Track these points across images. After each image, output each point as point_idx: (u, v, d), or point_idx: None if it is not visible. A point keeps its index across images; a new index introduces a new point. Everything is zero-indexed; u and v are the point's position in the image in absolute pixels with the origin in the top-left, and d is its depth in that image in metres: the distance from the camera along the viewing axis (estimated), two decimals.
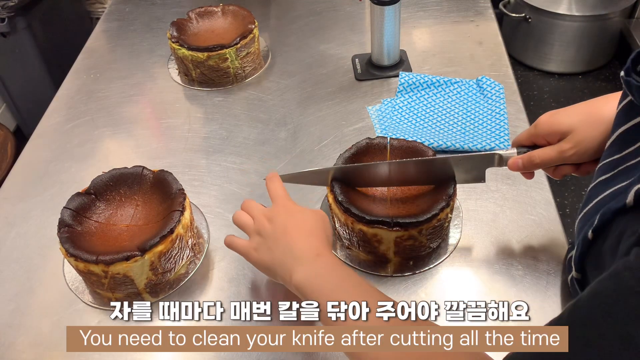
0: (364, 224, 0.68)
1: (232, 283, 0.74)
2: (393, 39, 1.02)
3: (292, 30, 1.22)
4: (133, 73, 1.14)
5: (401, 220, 0.67)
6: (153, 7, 1.35)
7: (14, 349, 0.70)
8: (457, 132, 0.92)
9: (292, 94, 1.05)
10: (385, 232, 0.68)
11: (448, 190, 0.70)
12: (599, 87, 2.46)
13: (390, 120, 0.95)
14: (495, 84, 0.99)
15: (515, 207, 0.79)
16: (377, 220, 0.67)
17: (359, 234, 0.70)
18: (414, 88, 1.01)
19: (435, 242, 0.73)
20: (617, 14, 2.32)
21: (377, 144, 0.78)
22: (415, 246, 0.70)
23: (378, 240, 0.69)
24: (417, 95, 1.00)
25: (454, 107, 0.97)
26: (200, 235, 0.80)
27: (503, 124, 0.92)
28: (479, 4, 1.23)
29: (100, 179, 0.78)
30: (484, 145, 0.88)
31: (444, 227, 0.71)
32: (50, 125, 1.03)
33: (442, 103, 0.98)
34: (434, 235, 0.71)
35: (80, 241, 0.71)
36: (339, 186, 0.72)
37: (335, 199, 0.71)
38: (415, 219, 0.67)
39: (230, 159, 0.93)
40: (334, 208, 0.72)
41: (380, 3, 0.96)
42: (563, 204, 1.99)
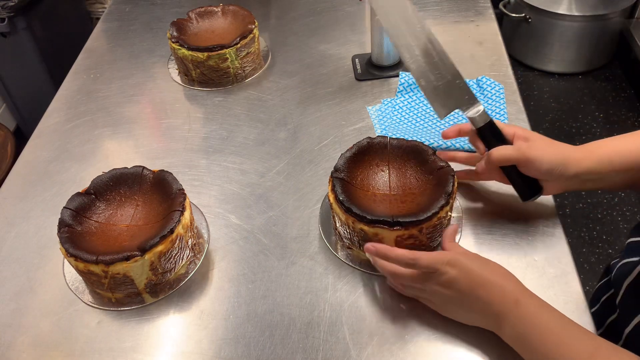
0: (364, 224, 0.69)
1: (232, 283, 0.74)
2: None
3: (292, 30, 1.23)
4: (133, 73, 1.14)
5: (402, 219, 0.67)
6: (153, 7, 1.35)
7: (14, 349, 0.70)
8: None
9: (292, 94, 1.05)
10: (386, 231, 0.68)
11: (447, 188, 0.70)
12: (599, 87, 2.46)
13: (390, 120, 0.95)
14: (495, 83, 0.99)
15: (515, 207, 0.79)
16: (378, 219, 0.68)
17: (360, 234, 0.70)
18: (413, 88, 1.01)
19: (436, 241, 0.73)
20: (617, 14, 2.32)
21: (378, 143, 0.79)
22: (415, 245, 0.70)
23: (379, 240, 0.69)
24: (417, 95, 1.00)
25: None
26: (200, 235, 0.80)
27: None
28: (479, 4, 1.23)
29: (100, 179, 0.78)
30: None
31: (443, 225, 0.72)
32: (50, 125, 1.03)
33: None
34: (434, 233, 0.71)
35: (80, 241, 0.71)
36: (340, 185, 0.72)
37: (336, 198, 0.71)
38: (415, 218, 0.67)
39: (230, 159, 0.93)
40: (335, 207, 0.72)
41: None
42: (563, 204, 1.99)
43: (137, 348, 0.69)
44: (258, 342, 0.67)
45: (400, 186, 0.76)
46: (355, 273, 0.73)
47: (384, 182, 0.77)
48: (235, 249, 0.78)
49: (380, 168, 0.78)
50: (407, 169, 0.77)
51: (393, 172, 0.78)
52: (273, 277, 0.74)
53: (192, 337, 0.69)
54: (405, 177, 0.77)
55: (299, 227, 0.80)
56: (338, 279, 0.73)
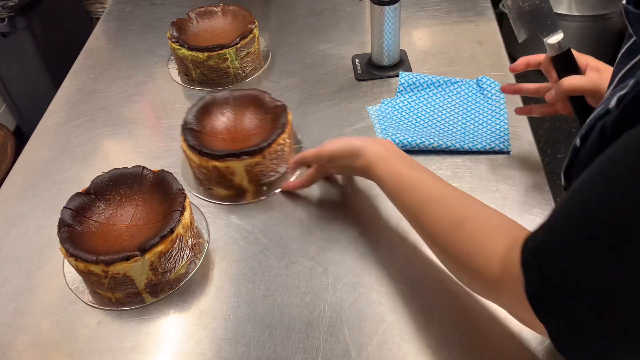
0: (216, 160, 0.80)
1: (232, 283, 0.74)
2: (393, 39, 1.02)
3: (292, 30, 1.23)
4: (133, 73, 1.14)
5: (247, 149, 0.80)
6: (153, 7, 1.35)
7: (14, 349, 0.70)
8: (457, 132, 0.92)
9: (292, 94, 1.05)
10: (236, 162, 0.80)
11: (281, 120, 0.85)
12: None
13: (390, 121, 0.95)
14: (495, 83, 0.99)
15: (515, 207, 0.79)
16: (227, 153, 0.80)
17: (215, 171, 0.81)
18: (413, 88, 1.01)
19: (282, 167, 0.86)
20: (617, 14, 2.32)
21: (222, 96, 0.91)
22: (264, 172, 0.83)
23: (232, 173, 0.81)
24: (417, 95, 1.00)
25: (454, 107, 0.97)
26: (200, 235, 0.80)
27: (503, 124, 0.92)
28: (479, 4, 1.23)
29: (100, 179, 0.78)
30: (484, 145, 0.88)
31: (285, 152, 0.85)
32: (50, 125, 1.03)
33: (442, 103, 0.98)
34: (277, 159, 0.84)
35: (80, 241, 0.71)
36: (191, 134, 0.84)
37: (188, 144, 0.82)
38: (258, 147, 0.80)
39: None
40: (189, 154, 0.83)
41: (380, 3, 0.96)
42: None
43: (137, 348, 0.69)
44: (258, 342, 0.67)
45: (244, 128, 0.89)
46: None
47: (230, 127, 0.89)
48: (235, 249, 0.78)
49: (225, 117, 0.90)
50: (248, 113, 0.90)
51: (237, 118, 0.90)
52: (273, 277, 0.74)
53: (192, 337, 0.69)
54: (247, 120, 0.90)
55: (299, 227, 0.80)
56: (338, 279, 0.73)
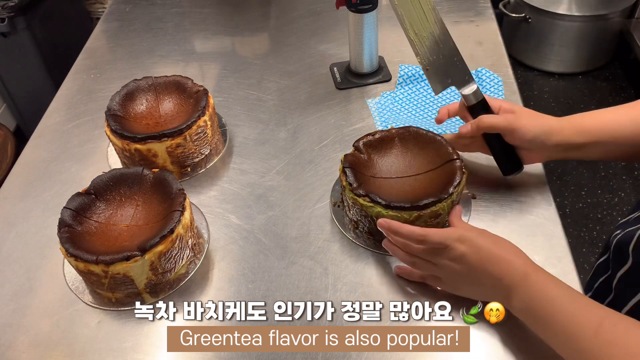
0: (137, 142, 0.82)
1: (232, 283, 0.74)
2: (372, 45, 1.01)
3: (292, 30, 1.23)
4: (133, 73, 1.14)
5: (167, 131, 0.82)
6: (153, 7, 1.35)
7: (14, 349, 0.70)
8: (455, 122, 0.92)
9: (292, 94, 1.05)
10: (157, 144, 0.83)
11: (201, 103, 0.87)
12: (598, 87, 2.46)
13: (390, 112, 0.96)
14: (494, 76, 0.99)
15: (515, 208, 0.79)
16: (147, 135, 0.82)
17: (138, 154, 0.83)
18: (413, 80, 1.02)
19: (205, 149, 0.89)
20: (617, 14, 2.32)
21: (145, 83, 0.94)
22: (186, 153, 0.86)
23: (154, 155, 0.84)
24: (417, 86, 1.01)
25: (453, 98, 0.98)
26: (200, 235, 0.80)
27: None
28: (479, 4, 1.23)
29: (100, 179, 0.78)
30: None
31: (207, 133, 0.88)
32: (50, 125, 1.03)
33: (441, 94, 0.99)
34: (199, 141, 0.87)
35: (80, 241, 0.71)
36: (113, 119, 0.86)
37: (111, 129, 0.85)
38: (177, 128, 0.83)
39: (230, 159, 0.93)
40: (112, 138, 0.85)
41: (358, 11, 0.95)
42: (563, 204, 1.99)
43: (137, 348, 0.69)
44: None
45: (167, 112, 0.91)
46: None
47: (154, 112, 0.92)
48: (235, 249, 0.78)
49: (149, 102, 0.93)
50: (171, 98, 0.93)
51: (160, 103, 0.93)
52: (273, 277, 0.74)
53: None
54: (170, 105, 0.92)
55: (299, 227, 0.80)
56: (338, 279, 0.73)
